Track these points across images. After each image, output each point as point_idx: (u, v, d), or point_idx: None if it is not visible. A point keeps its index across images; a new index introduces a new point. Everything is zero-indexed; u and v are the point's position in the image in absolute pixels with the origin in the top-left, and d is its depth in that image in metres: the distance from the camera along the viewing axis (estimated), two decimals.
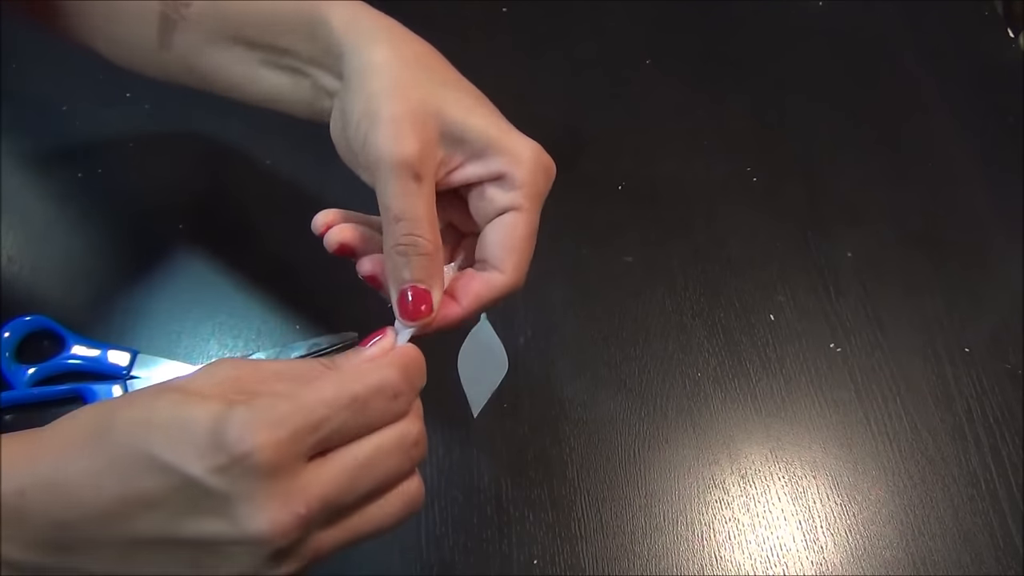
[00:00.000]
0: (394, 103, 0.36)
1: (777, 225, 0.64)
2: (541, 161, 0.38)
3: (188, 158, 0.64)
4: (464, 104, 0.38)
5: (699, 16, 0.76)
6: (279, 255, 0.60)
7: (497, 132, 0.37)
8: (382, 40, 0.38)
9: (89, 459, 0.29)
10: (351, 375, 0.31)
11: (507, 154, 0.37)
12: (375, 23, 0.39)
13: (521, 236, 0.38)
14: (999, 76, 0.74)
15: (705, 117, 0.70)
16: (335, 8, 0.39)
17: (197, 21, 0.43)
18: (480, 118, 0.38)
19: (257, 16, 0.42)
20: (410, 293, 0.36)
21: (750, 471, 0.53)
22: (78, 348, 0.54)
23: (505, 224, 0.38)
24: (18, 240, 0.59)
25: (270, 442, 0.28)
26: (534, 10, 0.75)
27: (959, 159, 0.68)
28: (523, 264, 0.38)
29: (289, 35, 0.41)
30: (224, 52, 0.43)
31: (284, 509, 0.28)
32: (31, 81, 0.66)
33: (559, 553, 0.49)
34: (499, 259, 0.38)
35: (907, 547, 0.51)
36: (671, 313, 0.59)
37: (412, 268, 0.36)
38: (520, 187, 0.37)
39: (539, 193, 0.38)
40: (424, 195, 0.36)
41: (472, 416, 0.45)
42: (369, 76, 0.37)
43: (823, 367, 0.57)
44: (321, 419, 0.30)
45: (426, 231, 0.36)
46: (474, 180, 0.38)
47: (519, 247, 0.38)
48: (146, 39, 0.45)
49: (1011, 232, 0.64)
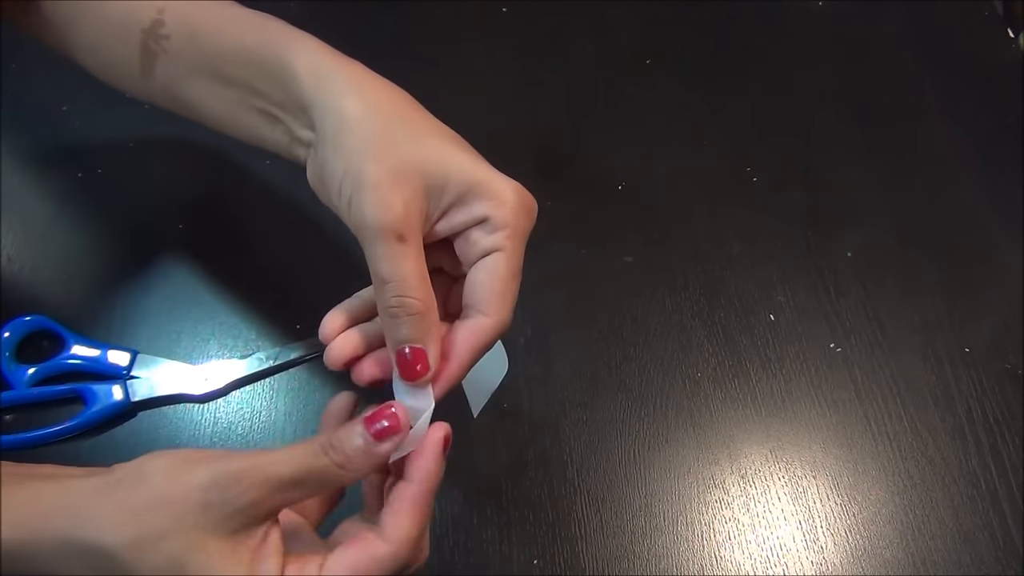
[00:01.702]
0: (375, 164, 0.36)
1: (777, 225, 0.64)
2: (523, 201, 0.38)
3: (188, 158, 0.64)
4: (443, 152, 0.37)
5: (699, 16, 0.76)
6: (279, 255, 0.60)
7: (478, 176, 0.37)
8: (352, 91, 0.38)
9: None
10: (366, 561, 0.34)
11: (489, 197, 0.37)
12: (341, 72, 0.39)
13: (503, 277, 0.37)
14: (999, 76, 0.74)
15: (705, 117, 0.70)
16: (298, 53, 0.39)
17: (176, 53, 0.44)
18: (460, 164, 0.37)
19: (228, 54, 0.42)
20: (407, 352, 0.36)
21: (750, 471, 0.53)
22: (78, 348, 0.54)
23: (488, 267, 0.37)
24: (18, 240, 0.59)
25: None
26: (534, 10, 0.75)
27: (959, 159, 0.68)
28: (507, 304, 0.38)
29: (259, 78, 0.41)
30: (204, 86, 0.44)
31: None
32: (31, 82, 0.66)
33: (559, 553, 0.49)
34: (484, 302, 0.37)
35: (907, 547, 0.51)
36: (671, 313, 0.59)
37: (405, 328, 0.36)
38: (502, 228, 0.37)
39: (522, 233, 0.38)
40: (410, 255, 0.36)
41: (472, 416, 0.45)
42: (345, 134, 0.37)
43: (823, 367, 0.57)
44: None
45: (415, 291, 0.36)
46: (460, 228, 0.38)
47: (502, 288, 0.37)
48: (130, 65, 0.45)
49: (1011, 232, 0.64)
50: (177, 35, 0.43)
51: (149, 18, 0.44)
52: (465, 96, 0.69)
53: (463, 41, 0.73)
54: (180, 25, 0.43)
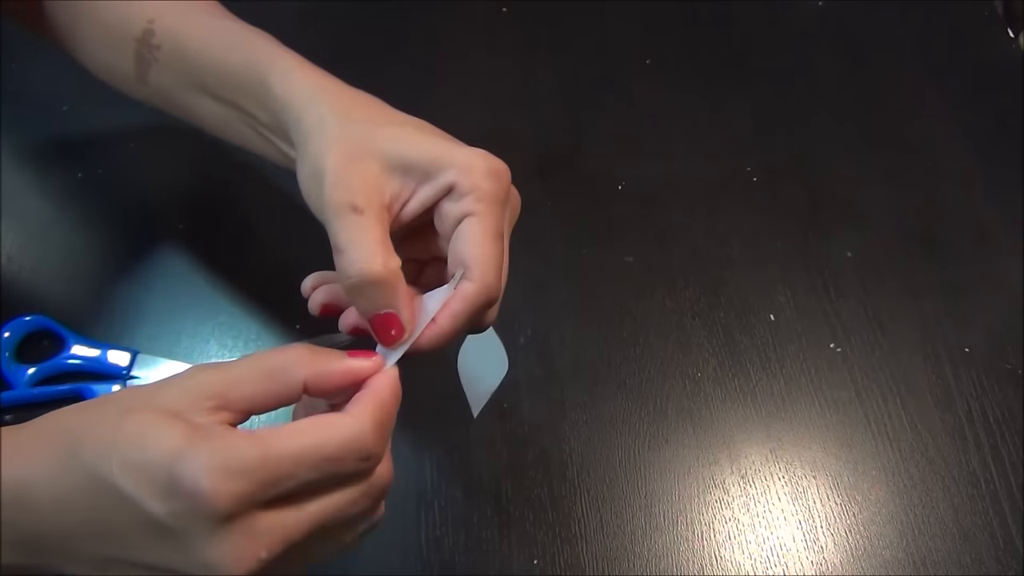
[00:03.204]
0: (331, 156, 0.36)
1: (777, 225, 0.64)
2: (489, 165, 0.37)
3: (188, 158, 0.64)
4: (403, 135, 0.38)
5: (699, 16, 0.76)
6: (279, 255, 0.60)
7: (440, 150, 0.37)
8: (317, 102, 0.38)
9: (56, 481, 0.30)
10: (324, 429, 0.30)
11: (453, 166, 0.37)
12: (309, 85, 0.39)
13: (480, 240, 0.36)
14: (999, 76, 0.74)
15: (705, 117, 0.70)
16: (275, 72, 0.40)
17: (167, 64, 0.44)
18: (420, 141, 0.37)
19: (215, 73, 0.42)
20: (375, 321, 0.36)
21: (750, 471, 0.53)
22: (78, 348, 0.54)
23: (462, 232, 0.37)
24: (18, 240, 0.59)
25: (226, 492, 0.28)
26: (534, 10, 0.75)
27: (959, 159, 0.68)
28: (489, 267, 0.37)
29: (244, 97, 0.42)
30: (196, 99, 0.44)
31: (244, 551, 0.28)
32: (31, 81, 0.66)
33: (559, 553, 0.49)
34: (465, 267, 0.37)
35: (907, 547, 0.51)
36: (671, 313, 0.59)
37: (369, 296, 0.36)
38: (470, 191, 0.36)
39: (492, 195, 0.37)
40: (366, 225, 0.35)
41: (472, 416, 0.45)
42: (309, 142, 0.38)
43: (823, 367, 0.57)
44: (285, 475, 0.29)
45: (371, 257, 0.35)
46: (430, 202, 0.37)
47: (480, 251, 0.36)
48: (127, 70, 0.46)
49: (1011, 232, 0.64)
50: (167, 47, 0.44)
51: (141, 28, 0.44)
52: (465, 96, 0.69)
53: (463, 41, 0.73)
54: (169, 38, 0.44)
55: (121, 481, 0.28)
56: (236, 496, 0.28)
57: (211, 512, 0.27)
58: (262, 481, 0.28)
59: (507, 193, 0.38)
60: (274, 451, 0.29)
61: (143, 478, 0.28)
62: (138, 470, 0.28)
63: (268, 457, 0.29)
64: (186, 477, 0.27)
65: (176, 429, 0.29)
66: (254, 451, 0.29)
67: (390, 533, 0.49)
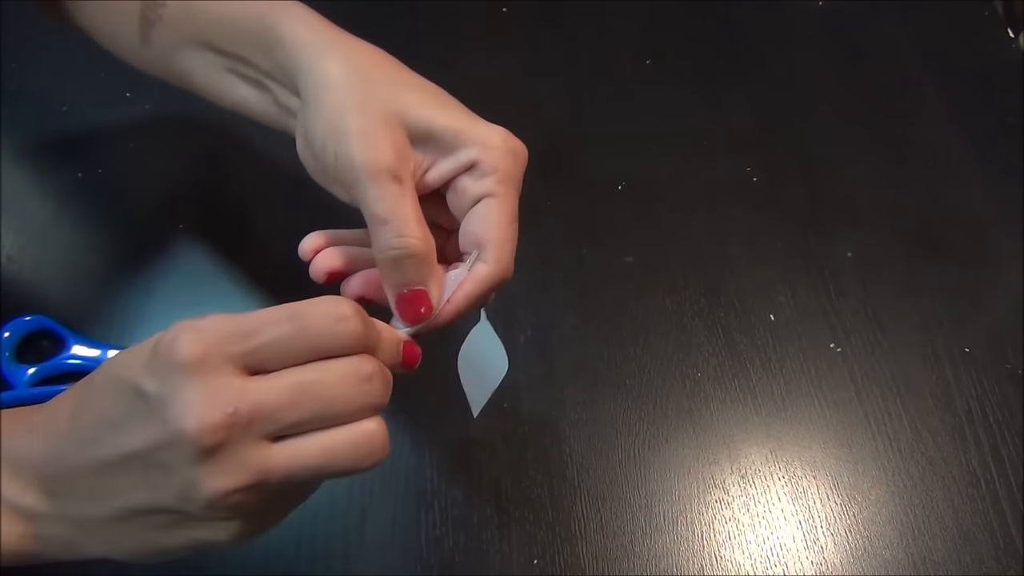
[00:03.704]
0: (357, 117, 0.36)
1: (777, 225, 0.64)
2: (510, 145, 0.37)
3: (188, 158, 0.64)
4: (427, 103, 0.37)
5: (699, 16, 0.76)
6: (279, 255, 0.60)
7: (463, 124, 0.37)
8: (333, 55, 0.38)
9: (73, 399, 0.32)
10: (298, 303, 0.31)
11: (476, 143, 0.37)
12: (325, 37, 0.39)
13: (498, 222, 0.37)
14: (999, 76, 0.74)
15: (705, 117, 0.70)
16: (288, 22, 0.39)
17: (171, 22, 0.44)
18: (444, 113, 0.37)
19: (220, 24, 0.42)
20: (404, 296, 0.36)
21: (750, 471, 0.53)
22: (78, 348, 0.54)
23: (480, 213, 0.37)
24: (18, 240, 0.59)
25: (194, 339, 0.28)
26: (534, 10, 0.75)
27: (959, 159, 0.68)
28: (506, 251, 0.37)
29: (249, 46, 0.41)
30: (196, 56, 0.44)
31: (210, 405, 0.28)
32: (31, 81, 0.66)
33: (559, 553, 0.49)
34: (482, 249, 0.37)
35: (907, 547, 0.51)
36: (671, 313, 0.59)
37: (406, 270, 0.36)
38: (492, 172, 0.37)
39: (511, 177, 0.37)
40: (407, 196, 0.35)
41: (472, 416, 0.45)
42: (326, 94, 0.37)
43: (823, 367, 0.57)
44: (253, 328, 0.30)
45: (415, 230, 0.35)
46: (449, 176, 0.37)
47: (498, 234, 0.37)
48: (130, 35, 0.45)
49: (1011, 232, 0.64)
50: (174, 4, 0.44)
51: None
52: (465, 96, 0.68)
53: (463, 41, 0.73)
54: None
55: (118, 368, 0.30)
56: (201, 341, 0.29)
57: (179, 360, 0.28)
58: (229, 330, 0.29)
59: (522, 174, 0.38)
60: (244, 313, 0.30)
61: (133, 357, 0.30)
62: (132, 353, 0.30)
63: (237, 316, 0.30)
64: (163, 337, 0.29)
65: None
66: (225, 315, 0.30)
67: (390, 533, 0.50)
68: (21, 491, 0.32)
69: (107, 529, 0.31)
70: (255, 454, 0.29)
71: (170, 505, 0.29)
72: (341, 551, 0.49)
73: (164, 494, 0.29)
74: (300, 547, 0.49)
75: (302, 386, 0.30)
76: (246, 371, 0.30)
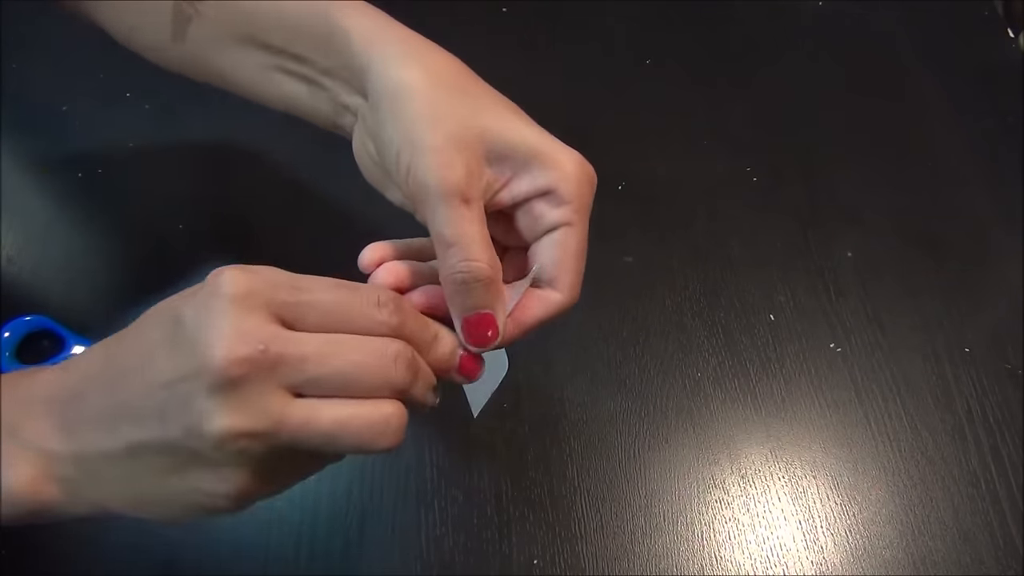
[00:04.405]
0: (435, 131, 0.35)
1: (777, 225, 0.64)
2: (586, 172, 0.37)
3: (188, 158, 0.64)
4: (504, 120, 0.37)
5: (699, 16, 0.76)
6: (279, 254, 0.59)
7: (540, 145, 0.37)
8: (410, 58, 0.37)
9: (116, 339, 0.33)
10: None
11: (552, 168, 0.36)
12: (399, 36, 0.38)
13: (574, 253, 0.37)
14: (999, 76, 0.74)
15: (705, 117, 0.70)
16: (353, 17, 0.38)
17: (212, 17, 0.42)
18: (520, 132, 0.37)
19: (270, 17, 0.41)
20: (471, 320, 0.36)
21: (750, 471, 0.53)
22: (78, 348, 0.54)
23: (557, 241, 0.37)
24: (18, 240, 0.59)
25: (241, 276, 0.30)
26: (534, 10, 0.75)
27: (959, 159, 0.68)
28: (578, 281, 0.37)
29: (304, 41, 0.40)
30: (239, 52, 0.42)
31: (242, 339, 0.29)
32: (31, 81, 0.66)
33: (559, 553, 0.49)
34: (556, 278, 0.37)
35: (907, 547, 0.51)
36: (671, 313, 0.59)
37: (473, 295, 0.35)
38: (569, 202, 0.36)
39: (587, 206, 0.37)
40: (475, 219, 0.35)
41: (472, 416, 0.45)
42: (403, 100, 0.36)
43: (823, 367, 0.57)
44: (300, 285, 0.32)
45: (482, 254, 0.35)
46: (523, 198, 0.37)
47: (573, 264, 0.37)
48: (160, 31, 0.44)
49: (1011, 232, 0.64)
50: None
51: None
52: None
53: (463, 41, 0.73)
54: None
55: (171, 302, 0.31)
56: (247, 279, 0.31)
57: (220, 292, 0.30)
58: (274, 279, 0.31)
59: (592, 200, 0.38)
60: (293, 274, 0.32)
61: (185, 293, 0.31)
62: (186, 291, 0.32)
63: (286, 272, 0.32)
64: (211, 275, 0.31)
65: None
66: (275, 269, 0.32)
67: (390, 533, 0.50)
68: (43, 433, 0.32)
69: (113, 467, 0.31)
70: (273, 401, 0.29)
71: (179, 441, 0.30)
72: (341, 551, 0.49)
73: (175, 427, 0.30)
74: (300, 547, 0.49)
75: (330, 345, 0.31)
76: (282, 322, 0.31)
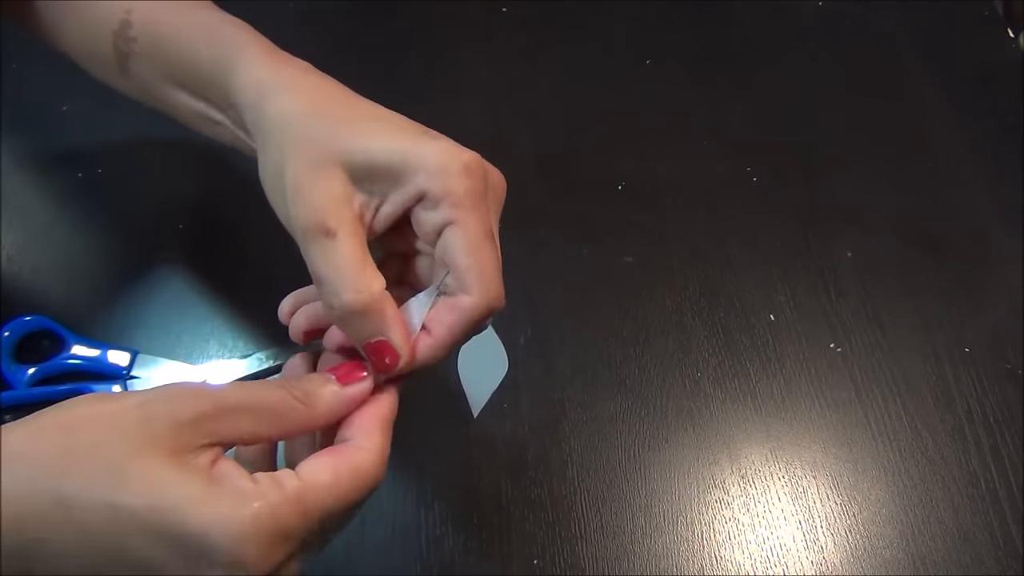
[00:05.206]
0: (293, 162, 0.34)
1: (777, 225, 0.64)
2: (456, 163, 0.34)
3: (188, 158, 0.64)
4: (366, 138, 0.34)
5: (699, 16, 0.76)
6: (280, 255, 0.60)
7: (402, 151, 0.34)
8: (277, 93, 0.36)
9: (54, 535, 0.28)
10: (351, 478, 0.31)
11: (417, 170, 0.34)
12: (271, 75, 0.37)
13: (465, 250, 0.33)
14: (999, 76, 0.74)
15: (705, 117, 0.70)
16: (243, 63, 0.38)
17: (144, 57, 0.43)
18: (384, 145, 0.34)
19: (186, 66, 0.41)
20: (368, 348, 0.34)
21: (750, 471, 0.53)
22: (78, 348, 0.54)
23: (446, 244, 0.34)
24: (18, 240, 0.59)
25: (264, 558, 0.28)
26: (534, 10, 0.75)
27: (959, 159, 0.68)
28: (486, 278, 0.34)
29: (215, 93, 0.40)
30: (173, 93, 0.43)
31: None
32: (31, 82, 0.66)
33: (559, 553, 0.49)
34: (458, 280, 0.34)
35: (907, 547, 0.51)
36: (671, 313, 0.59)
37: (353, 326, 0.34)
38: (443, 198, 0.33)
39: (469, 196, 0.34)
40: (341, 248, 0.33)
41: (472, 416, 0.45)
42: (269, 140, 0.35)
43: (823, 367, 0.57)
44: (317, 528, 0.30)
45: (354, 284, 0.33)
46: (402, 210, 0.35)
47: (470, 262, 0.34)
48: (110, 64, 0.45)
49: (1011, 232, 0.64)
50: (143, 39, 0.43)
51: (118, 19, 0.43)
52: (465, 96, 0.69)
53: (463, 41, 0.73)
54: (144, 30, 0.43)
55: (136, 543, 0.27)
56: (277, 561, 0.28)
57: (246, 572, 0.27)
58: (303, 541, 0.29)
59: (484, 185, 0.34)
60: (312, 508, 0.29)
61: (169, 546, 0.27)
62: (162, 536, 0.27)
63: (307, 514, 0.29)
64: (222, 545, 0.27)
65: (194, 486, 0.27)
66: (293, 514, 0.28)
67: (390, 533, 0.50)
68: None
69: None
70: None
71: None
72: (341, 551, 0.49)
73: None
74: None
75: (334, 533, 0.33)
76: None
